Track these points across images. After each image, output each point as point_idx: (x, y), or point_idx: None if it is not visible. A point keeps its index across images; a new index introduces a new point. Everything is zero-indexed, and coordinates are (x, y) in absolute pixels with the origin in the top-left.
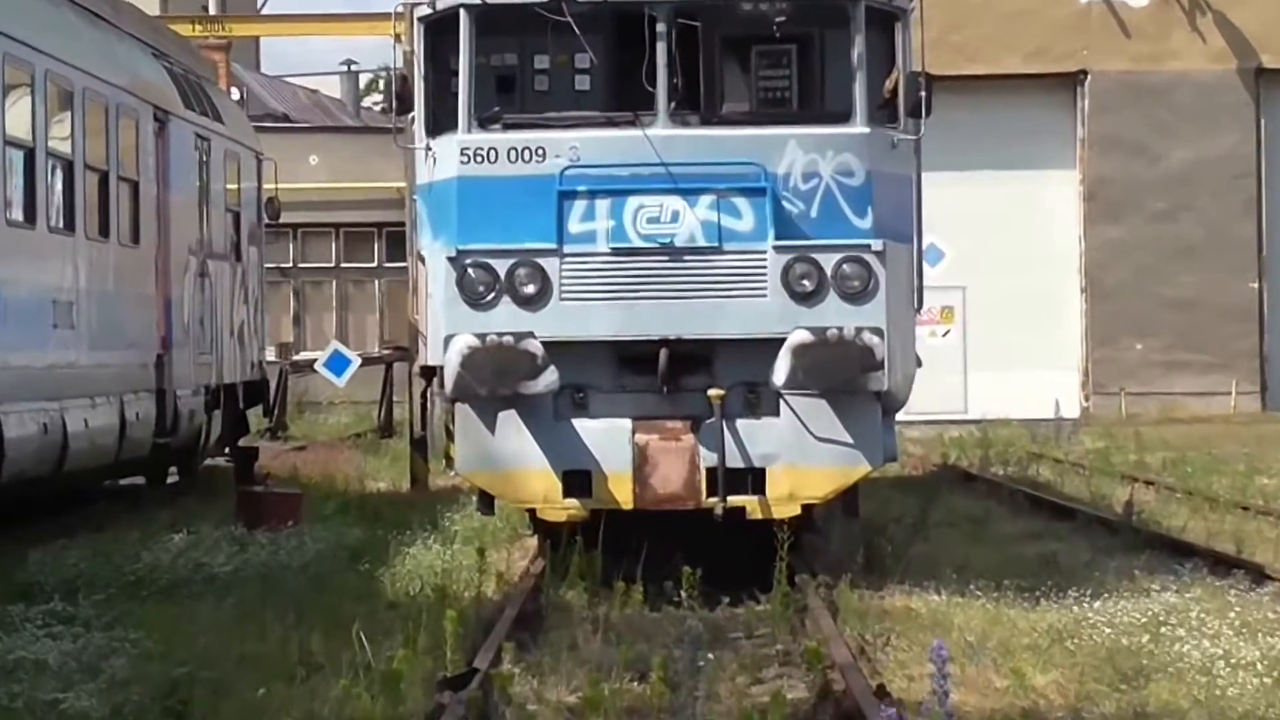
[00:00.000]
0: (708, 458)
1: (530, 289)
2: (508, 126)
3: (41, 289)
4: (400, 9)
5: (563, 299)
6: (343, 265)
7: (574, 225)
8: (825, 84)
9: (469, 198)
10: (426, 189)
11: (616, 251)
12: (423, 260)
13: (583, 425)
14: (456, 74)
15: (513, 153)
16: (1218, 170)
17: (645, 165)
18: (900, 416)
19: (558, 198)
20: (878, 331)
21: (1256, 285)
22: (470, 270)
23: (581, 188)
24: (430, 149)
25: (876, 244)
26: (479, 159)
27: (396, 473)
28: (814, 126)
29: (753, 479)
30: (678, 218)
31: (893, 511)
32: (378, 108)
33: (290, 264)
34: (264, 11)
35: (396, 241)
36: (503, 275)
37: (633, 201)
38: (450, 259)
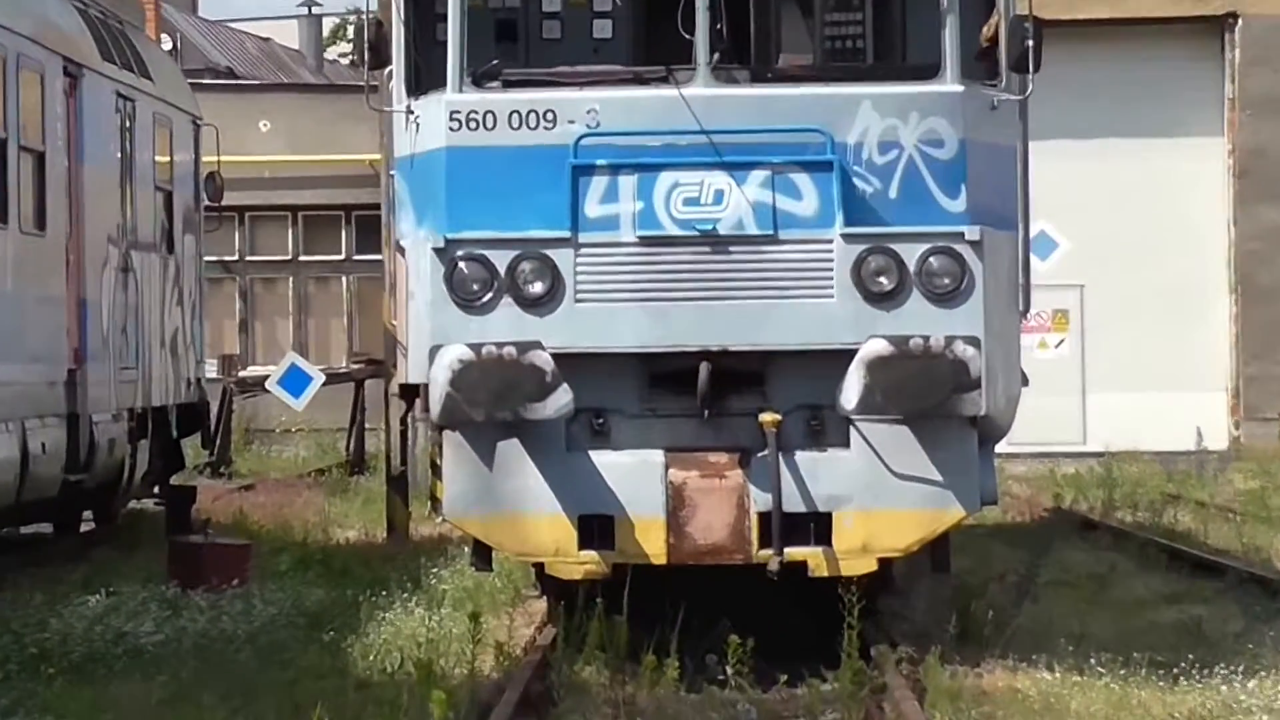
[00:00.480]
0: (760, 499)
1: (537, 288)
2: (509, 84)
3: None
4: None
5: (578, 300)
6: (302, 258)
7: (592, 208)
8: (908, 31)
9: (461, 174)
10: (407, 163)
11: (645, 241)
12: (402, 252)
13: (603, 459)
14: (444, 18)
15: (515, 117)
16: None
17: (681, 133)
18: (1001, 448)
19: (572, 174)
20: (973, 341)
21: None
22: (462, 264)
23: (602, 161)
24: (412, 113)
25: (972, 231)
26: (473, 125)
27: (369, 519)
28: (893, 84)
29: (816, 527)
30: (722, 199)
31: (993, 567)
32: (345, 60)
33: (236, 256)
34: None
35: (369, 228)
36: (503, 271)
37: (666, 178)
38: (437, 250)
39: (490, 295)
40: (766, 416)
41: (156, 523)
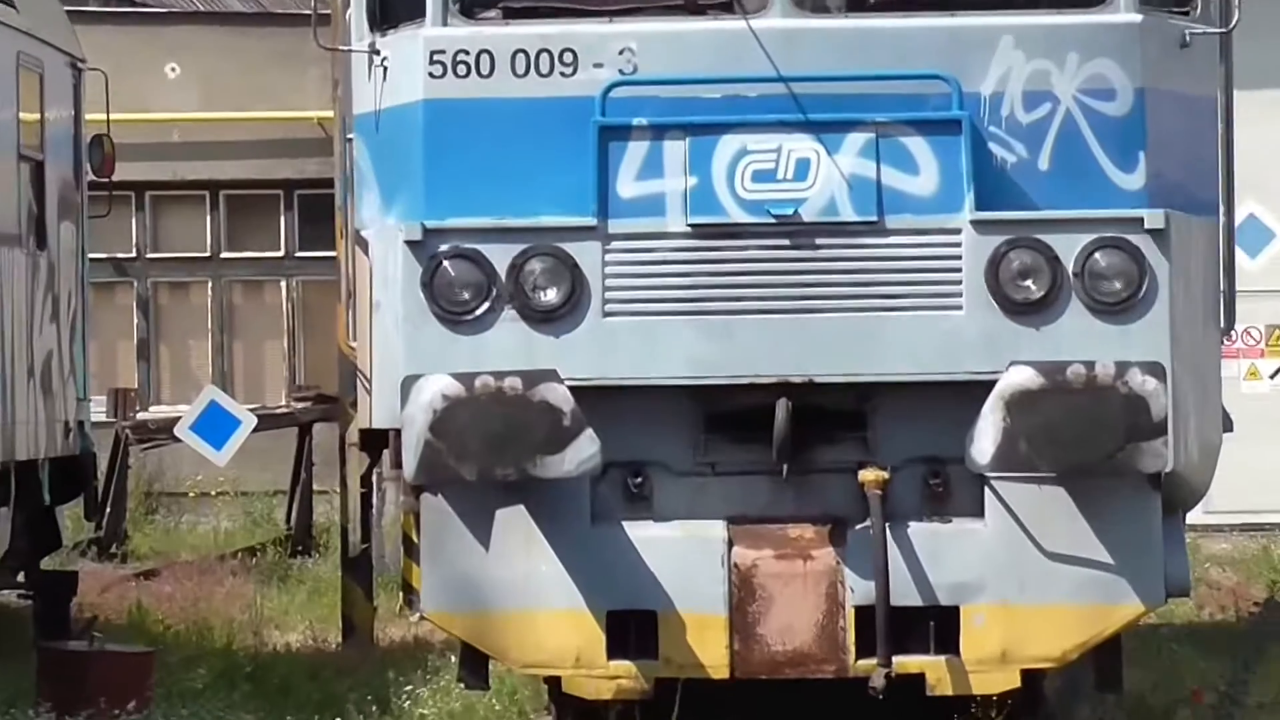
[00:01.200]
0: (859, 589)
1: (551, 296)
2: (511, 14)
3: None
4: None
5: (608, 313)
6: (224, 255)
7: (626, 186)
8: None
9: (444, 138)
10: (371, 123)
11: (701, 231)
12: (364, 246)
13: (643, 533)
14: None
15: (520, 60)
16: None
17: (750, 81)
18: (1194, 517)
19: (599, 138)
20: (1155, 370)
21: None
22: (447, 264)
23: (640, 120)
24: (378, 53)
25: (1154, 217)
26: (461, 71)
27: (318, 616)
28: (1045, 13)
29: (938, 627)
30: (806, 172)
31: (1183, 684)
32: None
33: (134, 253)
34: None
35: (318, 213)
36: (503, 272)
37: (728, 144)
38: (412, 244)
39: (486, 306)
40: (869, 474)
41: (21, 623)
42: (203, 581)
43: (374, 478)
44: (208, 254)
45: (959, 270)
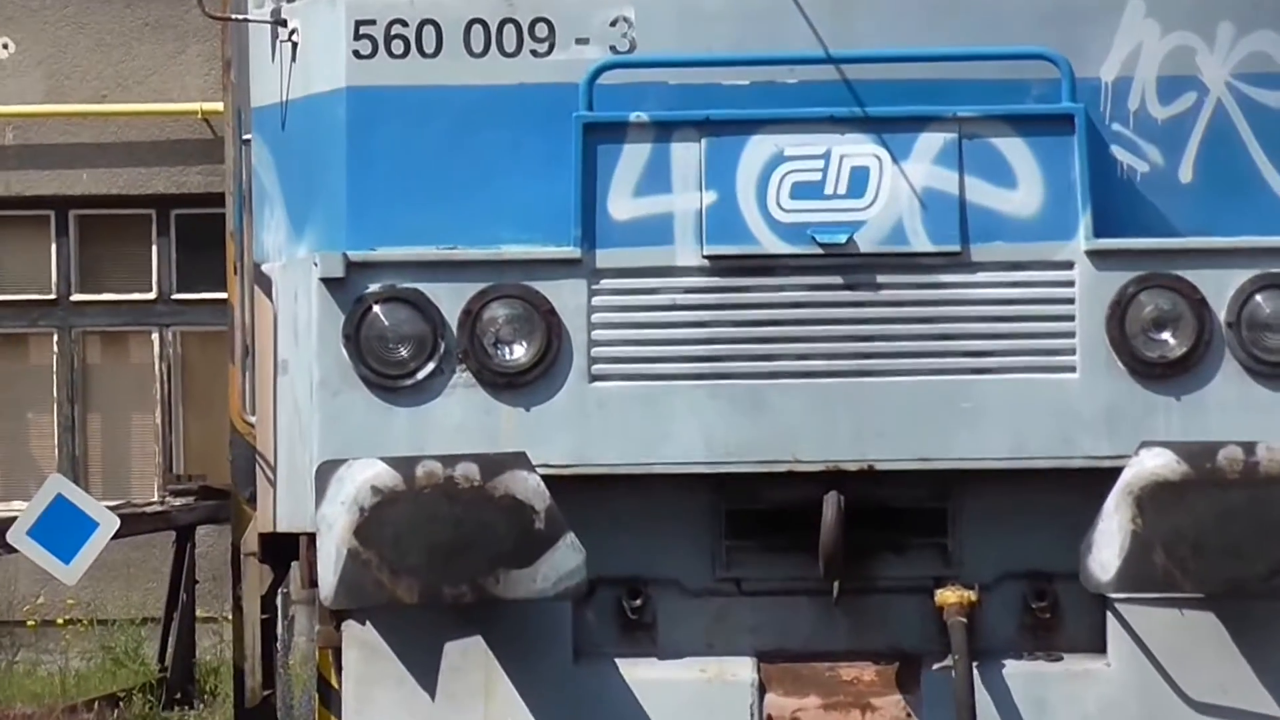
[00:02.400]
0: None
1: (518, 352)
2: None
3: None
4: None
5: (596, 376)
6: (75, 297)
7: (620, 203)
8: None
9: (375, 139)
10: (276, 119)
11: (721, 264)
12: (265, 285)
13: (643, 674)
14: None
15: (478, 33)
16: None
17: (788, 63)
18: None
19: (583, 138)
20: None
21: None
22: (379, 309)
23: (639, 115)
24: (284, 24)
25: None
26: (397, 48)
27: None
28: None
29: None
30: (864, 184)
31: None
32: None
33: None
34: None
35: (202, 240)
36: (454, 321)
37: (759, 146)
38: (331, 282)
39: (431, 367)
40: (950, 594)
41: None
42: None
43: (279, 600)
44: (52, 295)
45: (1071, 318)
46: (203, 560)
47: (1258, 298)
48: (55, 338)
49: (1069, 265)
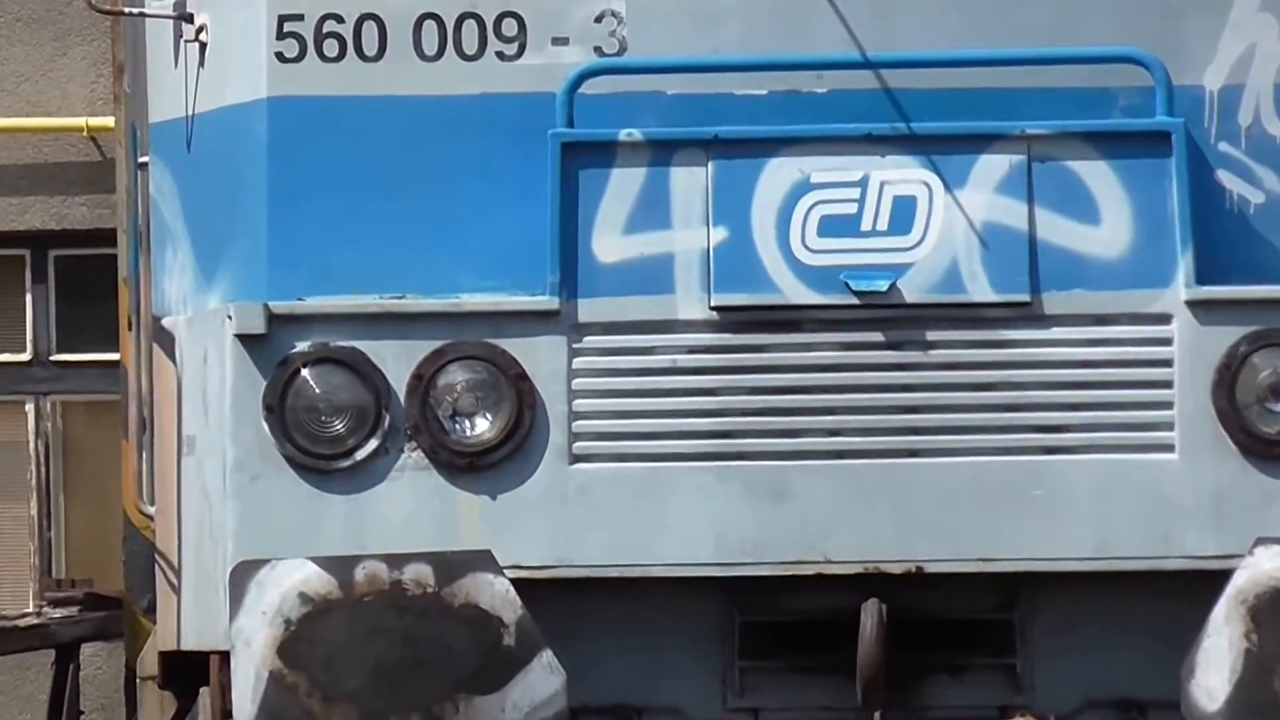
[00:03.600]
0: None
1: (481, 427)
2: None
3: None
4: None
5: (578, 457)
6: None
7: (608, 242)
8: None
9: (302, 162)
10: (180, 137)
11: (733, 318)
12: (167, 343)
13: None
14: None
15: (430, 32)
16: None
17: (816, 67)
18: None
19: (561, 160)
20: None
21: None
22: (309, 374)
23: (631, 133)
24: (190, 20)
25: None
26: (329, 50)
27: None
28: None
29: None
30: (911, 218)
31: None
32: None
33: None
34: None
35: (86, 287)
36: (401, 387)
37: (780, 171)
38: (249, 339)
39: (373, 445)
40: None
41: None
42: None
43: None
44: None
45: (1169, 385)
46: (89, 686)
47: None
48: None
49: (1166, 319)
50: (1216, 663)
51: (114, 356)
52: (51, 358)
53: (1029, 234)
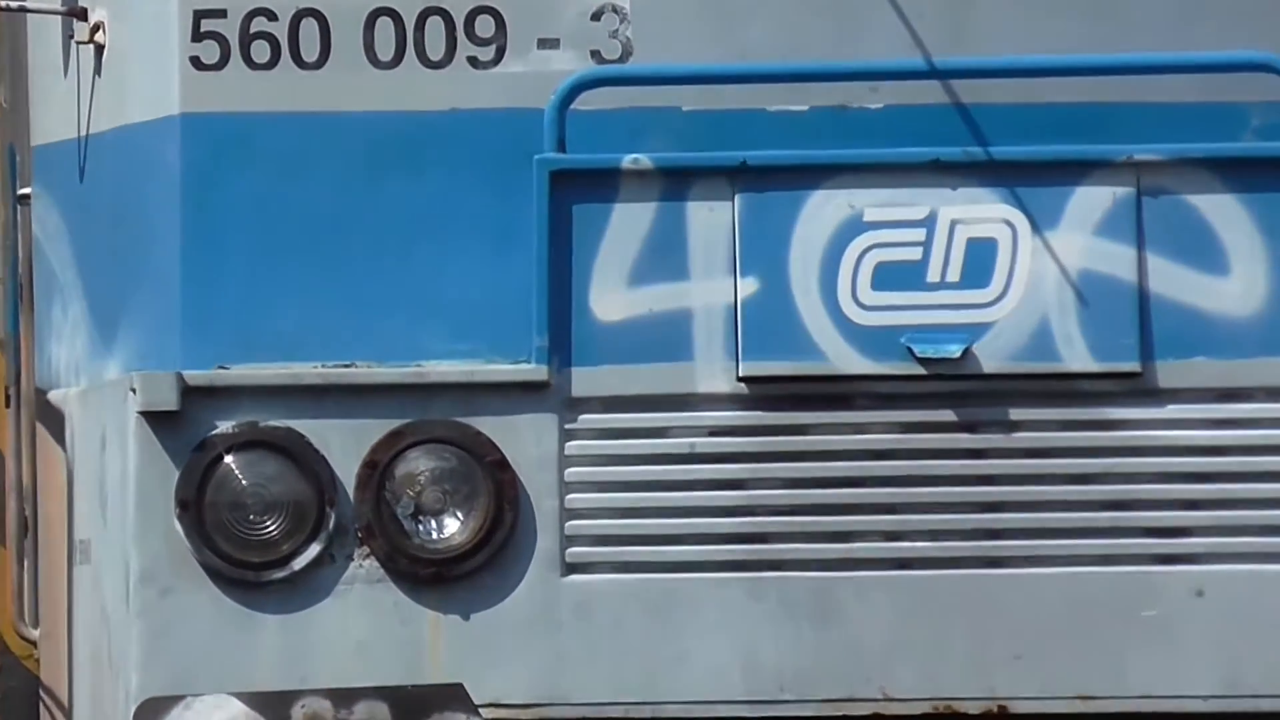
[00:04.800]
0: None
1: (451, 529)
2: None
3: None
4: None
5: (572, 566)
6: None
7: (608, 295)
8: None
9: (223, 194)
10: (70, 162)
11: (765, 392)
12: (53, 422)
13: None
14: None
15: (385, 32)
16: None
17: (869, 76)
18: None
19: (550, 191)
20: None
21: None
22: (233, 462)
23: (637, 159)
24: (84, 16)
25: None
26: (258, 54)
27: None
28: None
29: None
30: (989, 266)
31: None
32: None
33: None
34: None
35: None
36: (349, 479)
37: (824, 206)
38: (157, 417)
39: (315, 550)
40: None
41: None
42: None
43: None
44: None
45: None
46: None
47: None
48: None
49: None
50: None
51: None
52: None
53: (1138, 287)
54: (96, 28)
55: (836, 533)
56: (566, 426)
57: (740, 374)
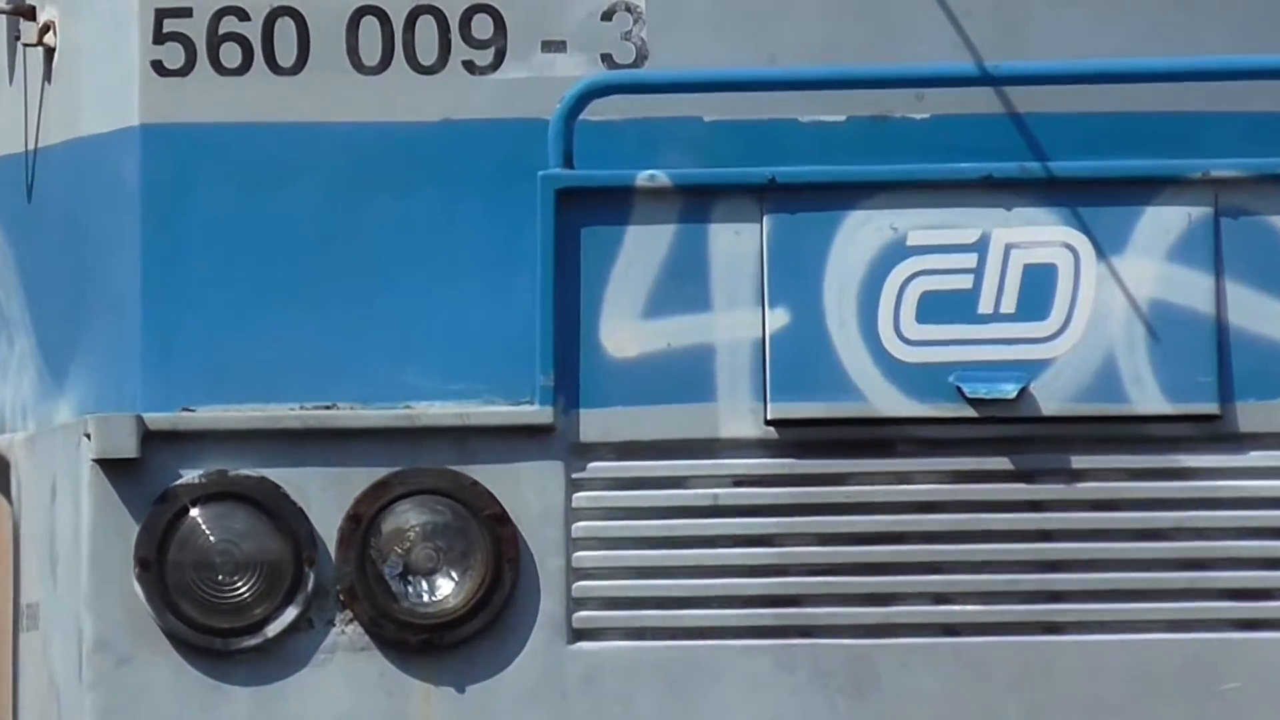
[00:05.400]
0: None
1: (443, 591)
2: None
3: None
4: None
5: (580, 633)
6: None
7: (621, 328)
8: None
9: (187, 215)
10: (19, 178)
11: (796, 437)
12: None
13: None
14: None
15: (369, 33)
16: None
17: (912, 82)
18: None
19: (556, 211)
20: None
21: None
22: (199, 516)
23: (653, 176)
24: (33, 15)
25: None
26: (228, 59)
27: None
28: None
29: None
30: (1048, 298)
31: None
32: None
33: None
34: None
35: None
36: (329, 533)
37: (861, 227)
38: (113, 465)
39: (291, 615)
40: None
41: None
42: None
43: None
44: None
45: None
46: None
47: None
48: None
49: None
50: None
51: None
52: None
53: (1216, 319)
54: (46, 28)
55: (876, 595)
56: (574, 476)
57: (768, 417)
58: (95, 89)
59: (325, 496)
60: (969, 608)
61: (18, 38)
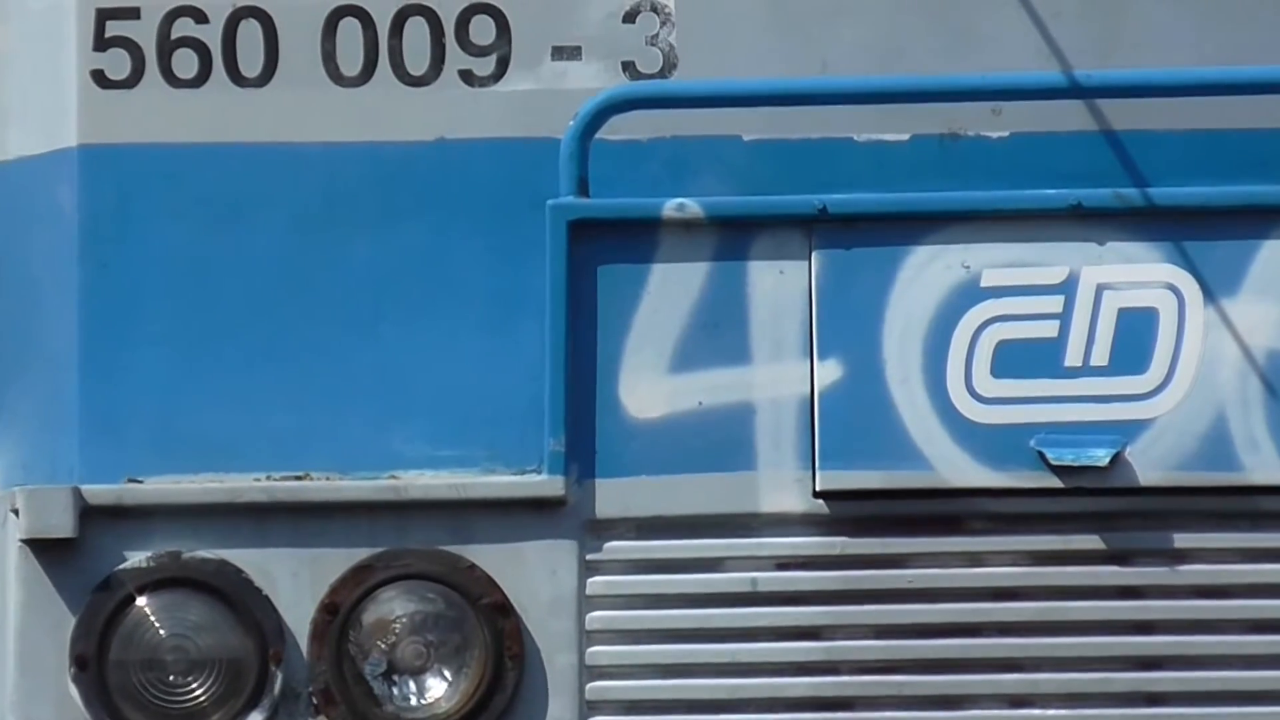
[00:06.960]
0: None
1: (437, 690)
2: None
3: None
4: None
5: None
6: None
7: (642, 381)
8: None
9: (132, 251)
10: None
11: (849, 512)
12: None
13: None
14: None
15: (350, 37)
16: None
17: (987, 93)
18: None
19: (568, 245)
20: None
21: None
22: (147, 606)
23: (683, 205)
24: None
25: None
26: (181, 65)
27: None
28: None
29: None
30: (1147, 349)
31: None
32: None
33: None
34: None
35: None
36: (301, 626)
37: (928, 267)
38: (45, 546)
39: None
40: None
41: None
42: None
43: None
44: None
45: None
46: None
47: None
48: None
49: None
50: None
51: None
52: None
53: None
54: None
55: (943, 698)
56: (589, 558)
57: (817, 488)
58: (25, 103)
59: (296, 583)
60: (1052, 712)
61: None
